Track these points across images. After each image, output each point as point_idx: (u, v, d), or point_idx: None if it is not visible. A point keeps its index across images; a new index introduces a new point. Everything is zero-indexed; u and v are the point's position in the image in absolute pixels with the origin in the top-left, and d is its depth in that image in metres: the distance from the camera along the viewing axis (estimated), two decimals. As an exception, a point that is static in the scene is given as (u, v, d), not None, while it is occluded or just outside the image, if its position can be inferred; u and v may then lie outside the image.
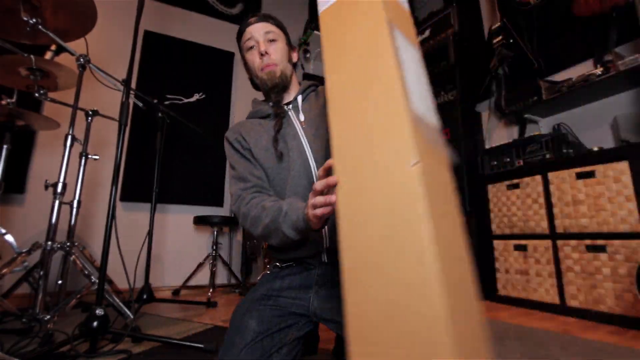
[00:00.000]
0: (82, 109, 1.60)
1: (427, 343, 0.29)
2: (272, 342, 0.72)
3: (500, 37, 2.28)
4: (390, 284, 0.33)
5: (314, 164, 0.83)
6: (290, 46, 0.97)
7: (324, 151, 0.86)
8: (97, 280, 1.31)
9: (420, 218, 0.32)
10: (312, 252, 0.82)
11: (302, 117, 0.91)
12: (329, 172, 0.56)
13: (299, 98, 0.94)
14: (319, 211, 0.58)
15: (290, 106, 0.93)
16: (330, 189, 0.55)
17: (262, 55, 0.89)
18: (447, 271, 0.31)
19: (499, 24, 2.31)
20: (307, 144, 0.86)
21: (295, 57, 0.99)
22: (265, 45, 0.90)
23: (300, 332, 0.79)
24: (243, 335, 0.72)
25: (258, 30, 0.90)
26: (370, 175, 0.38)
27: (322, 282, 0.83)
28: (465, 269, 0.36)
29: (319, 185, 0.56)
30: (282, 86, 0.92)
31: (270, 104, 0.93)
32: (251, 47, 0.91)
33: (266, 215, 0.74)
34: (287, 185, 0.83)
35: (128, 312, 1.30)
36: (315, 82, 0.99)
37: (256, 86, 0.97)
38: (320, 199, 0.57)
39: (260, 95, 1.00)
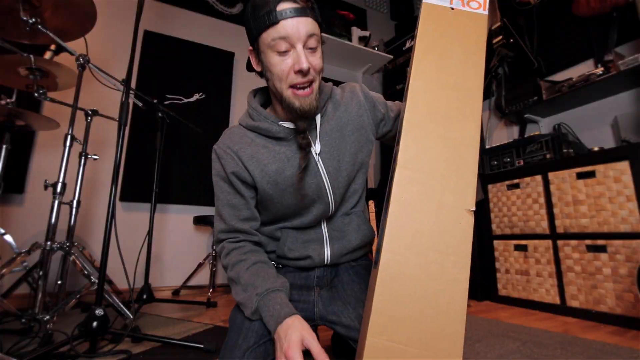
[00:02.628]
0: (81, 109, 1.60)
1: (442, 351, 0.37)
2: (274, 346, 0.72)
3: (500, 37, 2.28)
4: (422, 294, 0.40)
5: (333, 204, 0.81)
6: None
7: (344, 189, 0.82)
8: (96, 281, 1.31)
9: (466, 257, 0.40)
10: (315, 257, 0.82)
11: (318, 148, 0.76)
12: None
13: (318, 119, 0.77)
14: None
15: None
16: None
17: (301, 71, 0.65)
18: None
19: (499, 23, 2.31)
20: (328, 182, 0.79)
21: None
22: (307, 57, 0.65)
23: None
24: (246, 336, 0.71)
25: (299, 30, 0.63)
26: (428, 197, 0.44)
27: (322, 284, 0.84)
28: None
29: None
30: (314, 113, 0.72)
31: (282, 124, 0.75)
32: (283, 51, 0.65)
33: (241, 289, 0.73)
34: (294, 214, 0.82)
35: (128, 312, 1.29)
36: (327, 85, 0.83)
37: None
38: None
39: (259, 82, 0.77)
